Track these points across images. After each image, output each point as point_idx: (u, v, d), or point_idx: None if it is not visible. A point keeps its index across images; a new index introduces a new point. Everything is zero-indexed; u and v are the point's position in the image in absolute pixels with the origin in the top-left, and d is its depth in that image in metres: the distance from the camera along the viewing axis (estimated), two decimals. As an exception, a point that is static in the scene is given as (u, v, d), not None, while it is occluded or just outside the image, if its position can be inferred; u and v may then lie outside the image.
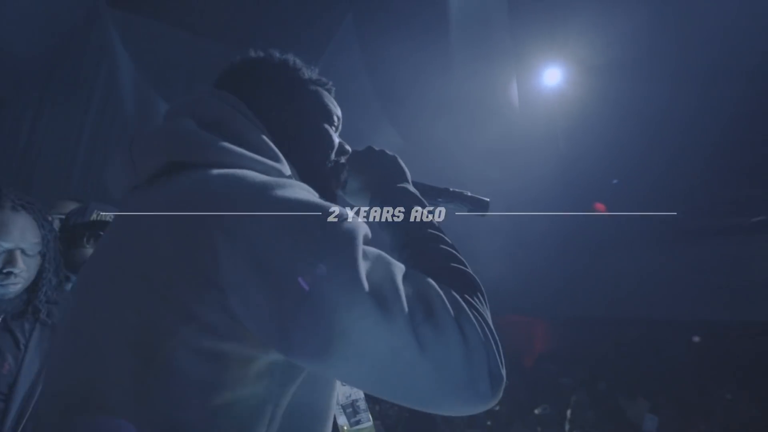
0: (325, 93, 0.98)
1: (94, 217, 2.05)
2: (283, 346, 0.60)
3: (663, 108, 4.57)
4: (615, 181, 5.66)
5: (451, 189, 1.05)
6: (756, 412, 4.61)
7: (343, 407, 1.19)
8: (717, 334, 5.70)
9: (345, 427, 1.17)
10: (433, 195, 1.03)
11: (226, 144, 0.75)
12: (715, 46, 4.11)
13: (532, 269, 6.44)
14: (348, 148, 1.01)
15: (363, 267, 0.60)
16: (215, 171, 0.69)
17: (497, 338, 0.65)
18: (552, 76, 5.82)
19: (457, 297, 0.64)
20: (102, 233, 2.03)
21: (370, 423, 1.22)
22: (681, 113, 4.63)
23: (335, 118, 0.98)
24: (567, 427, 4.76)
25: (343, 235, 0.62)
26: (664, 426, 4.60)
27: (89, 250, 2.01)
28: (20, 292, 1.49)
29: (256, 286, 0.59)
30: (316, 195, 0.71)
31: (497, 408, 5.24)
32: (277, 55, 0.96)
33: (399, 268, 0.64)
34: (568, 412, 4.87)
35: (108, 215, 2.09)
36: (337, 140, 0.97)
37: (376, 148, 1.00)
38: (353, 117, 0.98)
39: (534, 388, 5.60)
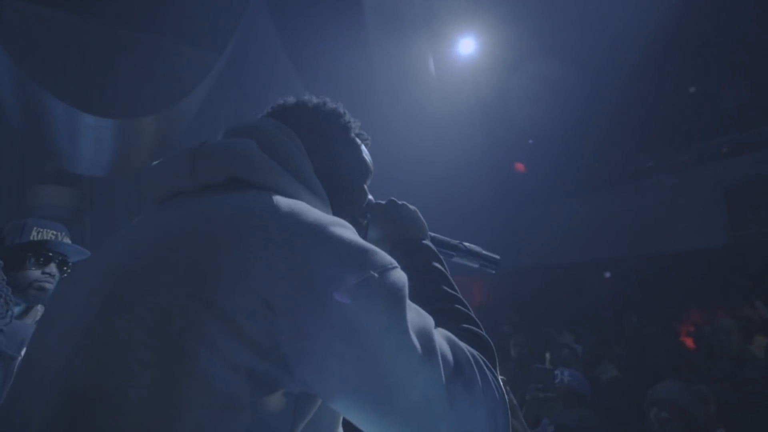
0: (364, 148, 1.00)
1: (34, 236, 1.84)
2: (317, 376, 0.59)
3: (574, 74, 5.03)
4: (530, 141, 6.15)
5: (465, 244, 1.08)
6: (656, 328, 5.47)
7: None
8: (623, 269, 6.60)
9: None
10: (448, 248, 1.06)
11: (287, 174, 0.77)
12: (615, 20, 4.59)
13: (470, 228, 6.85)
14: (372, 200, 1.03)
15: (409, 315, 0.62)
16: (279, 196, 0.69)
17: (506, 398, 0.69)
18: (466, 45, 6.07)
19: (479, 357, 0.67)
20: (46, 252, 1.83)
21: None
22: (588, 78, 5.13)
23: (370, 176, 1.00)
24: (512, 368, 5.27)
25: (395, 283, 0.63)
26: (586, 352, 5.32)
27: (34, 272, 1.81)
28: None
29: (306, 315, 0.58)
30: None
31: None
32: (329, 103, 0.98)
33: (432, 321, 0.66)
34: (511, 353, 5.40)
35: (49, 232, 1.88)
36: (369, 197, 1.00)
37: (399, 201, 1.02)
38: (276, 93, 1.02)
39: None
